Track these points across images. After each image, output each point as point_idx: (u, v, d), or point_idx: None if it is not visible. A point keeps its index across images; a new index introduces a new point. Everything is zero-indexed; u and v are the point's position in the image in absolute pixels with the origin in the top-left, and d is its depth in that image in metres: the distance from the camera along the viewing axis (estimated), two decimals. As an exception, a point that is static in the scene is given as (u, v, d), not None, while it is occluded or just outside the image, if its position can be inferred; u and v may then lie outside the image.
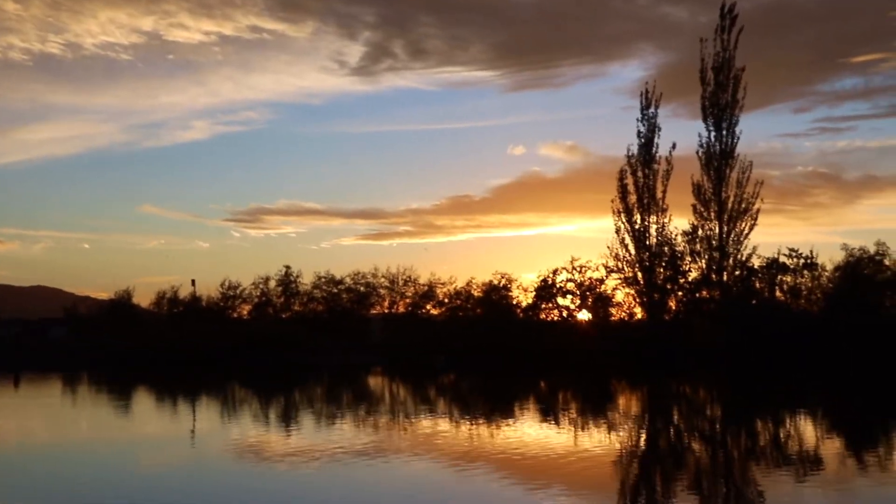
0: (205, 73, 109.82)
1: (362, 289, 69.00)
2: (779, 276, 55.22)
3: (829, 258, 55.02)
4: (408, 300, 67.29)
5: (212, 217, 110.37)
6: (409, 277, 67.68)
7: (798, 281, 55.16)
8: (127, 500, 15.91)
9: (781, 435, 25.93)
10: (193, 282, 73.22)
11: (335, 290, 69.50)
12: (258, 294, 70.81)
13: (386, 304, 68.70)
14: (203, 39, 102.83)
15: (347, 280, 69.46)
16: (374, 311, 68.96)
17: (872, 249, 53.97)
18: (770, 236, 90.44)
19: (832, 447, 23.26)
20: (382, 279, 68.61)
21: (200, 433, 26.25)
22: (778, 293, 55.55)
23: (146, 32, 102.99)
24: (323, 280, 69.83)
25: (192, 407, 34.74)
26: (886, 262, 53.83)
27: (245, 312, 71.33)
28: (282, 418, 29.98)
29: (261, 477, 18.45)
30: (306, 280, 70.51)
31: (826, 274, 54.63)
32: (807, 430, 27.18)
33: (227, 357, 60.75)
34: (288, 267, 70.23)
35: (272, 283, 70.42)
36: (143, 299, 77.09)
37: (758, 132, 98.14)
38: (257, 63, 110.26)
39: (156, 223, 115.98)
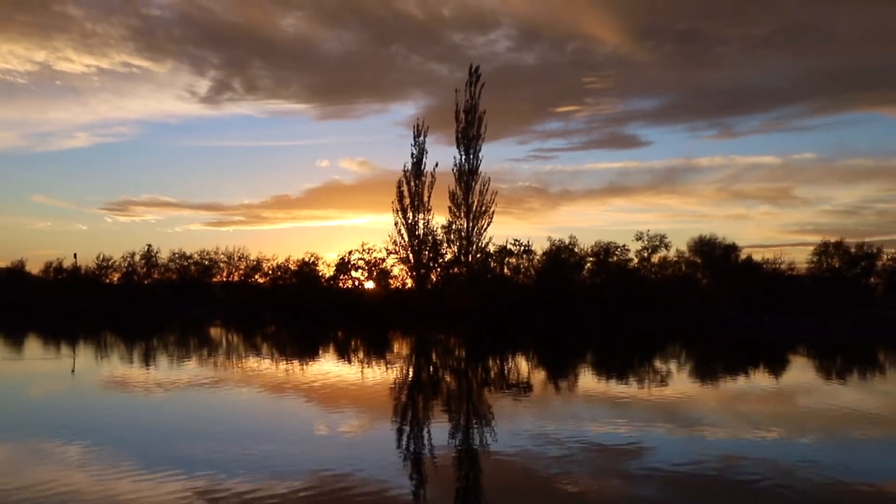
0: (86, 96, 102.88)
1: (207, 262, 66.78)
2: (506, 259, 57.24)
3: (540, 247, 57.52)
4: (241, 272, 65.72)
5: (90, 206, 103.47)
6: (242, 255, 66.45)
7: (519, 262, 57.42)
8: (15, 419, 14.95)
9: (505, 370, 27.04)
10: (75, 255, 68.75)
11: (186, 263, 66.90)
12: (126, 265, 67.07)
13: (224, 274, 66.94)
14: (85, 70, 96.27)
15: (195, 256, 67.16)
16: (216, 280, 67.00)
17: (567, 241, 57.34)
18: (501, 230, 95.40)
19: (538, 378, 24.51)
20: (222, 256, 66.88)
21: (79, 370, 24.80)
22: (506, 271, 57.50)
23: (39, 62, 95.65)
24: (176, 255, 67.21)
25: (73, 350, 32.63)
26: (576, 249, 57.11)
27: (115, 279, 67.59)
28: (143, 359, 28.67)
29: (127, 401, 17.73)
30: (164, 255, 67.60)
31: (537, 257, 57.04)
32: (522, 366, 28.46)
33: (101, 312, 58.91)
34: (149, 245, 67.04)
35: (137, 257, 67.02)
36: (34, 268, 71.44)
37: (493, 157, 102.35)
38: (128, 90, 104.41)
39: (45, 209, 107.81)
